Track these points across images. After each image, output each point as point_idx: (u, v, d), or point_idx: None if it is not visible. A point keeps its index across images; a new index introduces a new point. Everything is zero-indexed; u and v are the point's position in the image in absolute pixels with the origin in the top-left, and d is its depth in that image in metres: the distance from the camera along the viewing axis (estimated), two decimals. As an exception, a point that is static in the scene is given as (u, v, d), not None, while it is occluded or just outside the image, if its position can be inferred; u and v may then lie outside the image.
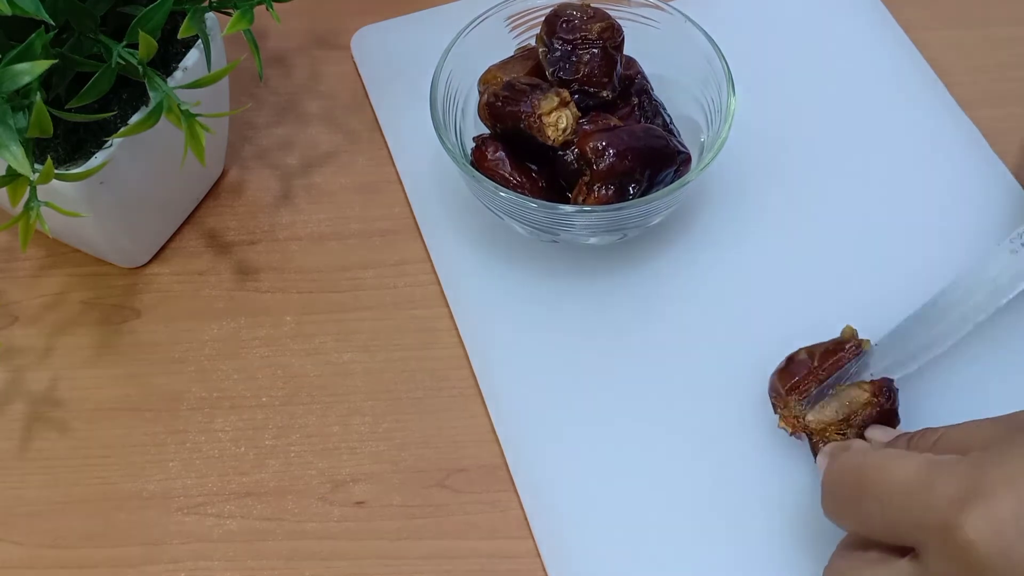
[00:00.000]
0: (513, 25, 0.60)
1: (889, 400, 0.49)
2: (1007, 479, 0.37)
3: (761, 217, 0.60)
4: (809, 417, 0.50)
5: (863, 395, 0.49)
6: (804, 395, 0.50)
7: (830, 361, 0.51)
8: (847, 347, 0.51)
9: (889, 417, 0.50)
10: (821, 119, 0.64)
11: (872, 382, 0.50)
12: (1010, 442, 0.39)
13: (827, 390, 0.50)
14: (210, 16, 0.55)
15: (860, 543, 0.43)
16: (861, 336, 0.52)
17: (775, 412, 0.52)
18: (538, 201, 0.53)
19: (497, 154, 0.56)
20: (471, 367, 0.57)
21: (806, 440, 0.51)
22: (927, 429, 0.46)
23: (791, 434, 0.51)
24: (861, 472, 0.41)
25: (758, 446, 0.53)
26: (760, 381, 0.53)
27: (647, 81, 0.59)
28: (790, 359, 0.52)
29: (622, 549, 0.51)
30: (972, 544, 0.36)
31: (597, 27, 0.56)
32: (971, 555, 0.36)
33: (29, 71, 0.43)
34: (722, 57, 0.57)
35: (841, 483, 0.42)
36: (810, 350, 0.52)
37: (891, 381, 0.50)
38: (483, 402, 0.55)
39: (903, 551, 0.40)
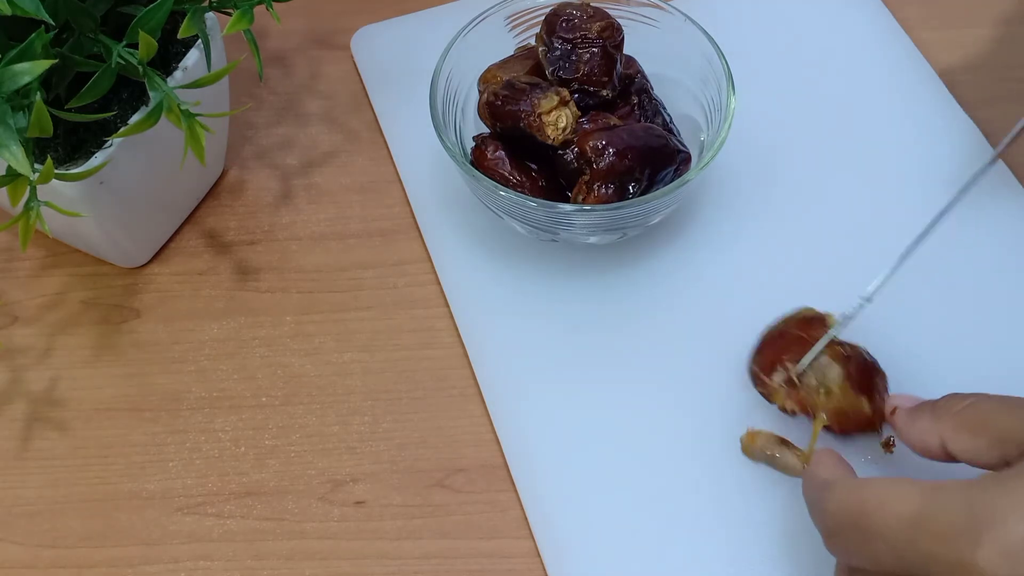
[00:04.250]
0: (513, 24, 0.61)
1: (859, 358, 0.50)
2: (1017, 507, 0.36)
3: (761, 216, 0.60)
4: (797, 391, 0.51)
5: (834, 368, 0.50)
6: (777, 366, 0.51)
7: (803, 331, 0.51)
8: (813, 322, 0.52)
9: (868, 370, 0.50)
10: (820, 118, 0.64)
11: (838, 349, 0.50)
12: (1019, 468, 0.38)
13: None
14: (210, 16, 0.55)
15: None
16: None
17: (769, 400, 0.52)
18: (538, 200, 0.53)
19: (497, 153, 0.56)
20: (471, 367, 0.57)
21: (810, 423, 0.51)
22: (953, 395, 0.44)
23: (787, 412, 0.51)
24: (862, 511, 0.40)
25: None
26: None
27: (647, 80, 0.59)
28: (761, 342, 0.53)
29: (622, 548, 0.51)
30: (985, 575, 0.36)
31: (597, 26, 0.56)
32: None
33: (29, 71, 0.43)
34: (722, 56, 0.57)
35: (843, 525, 0.41)
36: (774, 328, 0.53)
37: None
38: (483, 402, 0.55)
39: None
